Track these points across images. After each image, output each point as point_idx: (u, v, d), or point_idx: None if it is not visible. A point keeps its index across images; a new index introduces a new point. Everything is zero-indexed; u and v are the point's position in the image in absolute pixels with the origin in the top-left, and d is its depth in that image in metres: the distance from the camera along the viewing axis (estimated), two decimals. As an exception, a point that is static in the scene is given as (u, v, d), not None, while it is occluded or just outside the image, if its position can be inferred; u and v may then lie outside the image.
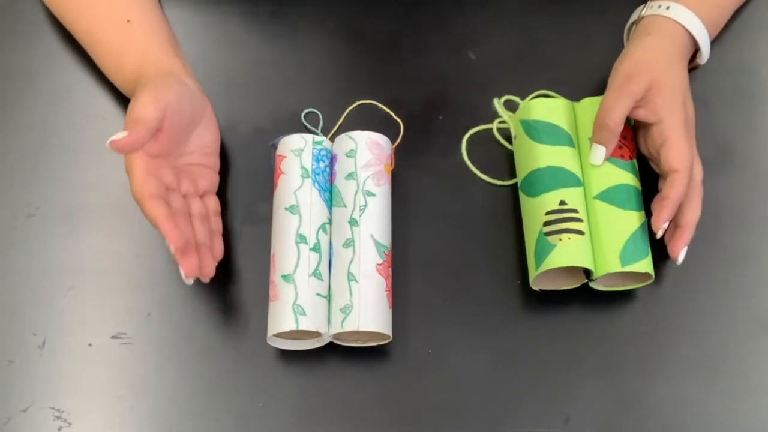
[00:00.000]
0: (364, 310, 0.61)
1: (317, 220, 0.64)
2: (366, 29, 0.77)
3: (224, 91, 0.73)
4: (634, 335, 0.66)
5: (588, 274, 0.64)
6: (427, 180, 0.71)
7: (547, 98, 0.71)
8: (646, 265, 0.63)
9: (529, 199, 0.66)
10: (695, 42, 0.68)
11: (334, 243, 0.65)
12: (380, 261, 0.63)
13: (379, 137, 0.67)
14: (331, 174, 0.67)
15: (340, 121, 0.72)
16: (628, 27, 0.71)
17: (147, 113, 0.59)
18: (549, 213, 0.64)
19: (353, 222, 0.64)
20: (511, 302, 0.67)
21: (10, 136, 0.72)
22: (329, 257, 0.64)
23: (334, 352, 0.64)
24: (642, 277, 0.64)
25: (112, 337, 0.66)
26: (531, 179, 0.66)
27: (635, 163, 0.67)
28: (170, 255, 0.58)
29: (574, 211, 0.64)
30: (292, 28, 0.76)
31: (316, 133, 0.71)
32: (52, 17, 0.74)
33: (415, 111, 0.73)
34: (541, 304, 0.66)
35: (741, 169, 0.71)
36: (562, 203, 0.64)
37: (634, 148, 0.67)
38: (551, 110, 0.68)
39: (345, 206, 0.65)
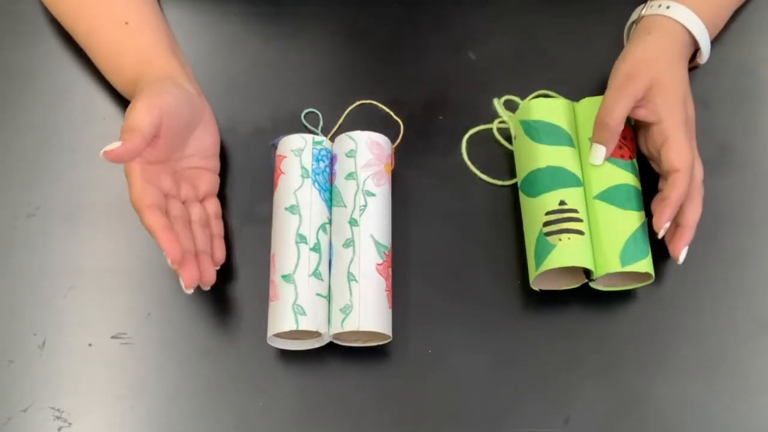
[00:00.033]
0: (364, 310, 0.61)
1: (317, 220, 0.64)
2: (366, 29, 0.77)
3: (224, 91, 0.73)
4: (634, 335, 0.66)
5: (588, 274, 0.64)
6: (427, 180, 0.71)
7: (547, 98, 0.71)
8: (646, 265, 0.63)
9: (529, 199, 0.66)
10: (695, 41, 0.68)
11: (334, 243, 0.65)
12: (380, 261, 0.63)
13: (379, 137, 0.67)
14: (331, 174, 0.67)
15: (340, 121, 0.72)
16: (628, 26, 0.71)
17: (142, 122, 0.58)
18: (549, 213, 0.64)
19: (353, 222, 0.64)
20: (511, 302, 0.67)
21: (10, 136, 0.72)
22: (329, 257, 0.64)
23: (334, 352, 0.64)
24: (642, 277, 0.64)
25: (112, 337, 0.66)
26: (531, 179, 0.66)
27: (635, 163, 0.67)
28: (170, 256, 0.58)
29: (574, 211, 0.64)
30: (292, 28, 0.76)
31: (316, 133, 0.71)
32: (52, 17, 0.74)
33: (415, 111, 0.73)
34: (541, 304, 0.66)
35: (741, 169, 0.71)
36: (562, 203, 0.64)
37: (634, 147, 0.67)
38: (551, 110, 0.68)
39: (345, 206, 0.65)
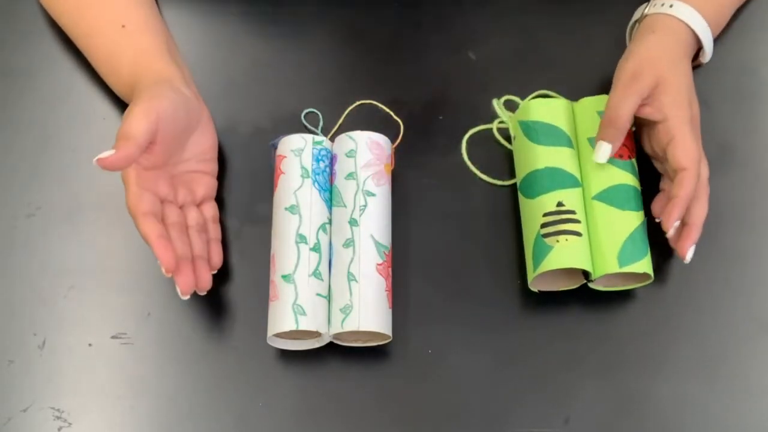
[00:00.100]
0: (364, 310, 0.61)
1: (317, 220, 0.64)
2: (366, 29, 0.77)
3: (224, 91, 0.73)
4: (634, 335, 0.66)
5: (586, 275, 0.64)
6: (427, 180, 0.71)
7: (546, 98, 0.71)
8: (645, 265, 0.63)
9: (527, 200, 0.66)
10: (698, 40, 0.68)
11: (334, 243, 0.65)
12: (380, 261, 0.63)
13: (379, 137, 0.67)
14: (331, 174, 0.67)
15: (340, 121, 0.72)
16: (631, 25, 0.71)
17: (138, 129, 0.58)
18: (546, 215, 0.64)
19: (353, 222, 0.64)
20: (511, 302, 0.67)
21: (10, 136, 0.72)
22: (329, 257, 0.64)
23: (334, 352, 0.64)
24: (641, 277, 0.64)
25: (112, 337, 0.66)
26: (529, 181, 0.66)
27: (634, 163, 0.67)
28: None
29: (572, 212, 0.64)
30: (291, 28, 0.76)
31: (316, 133, 0.71)
32: (52, 18, 0.74)
33: (415, 111, 0.73)
34: (540, 304, 0.66)
35: (742, 169, 0.71)
36: (559, 204, 0.64)
37: (633, 147, 0.67)
38: (550, 111, 0.67)
39: (345, 206, 0.65)
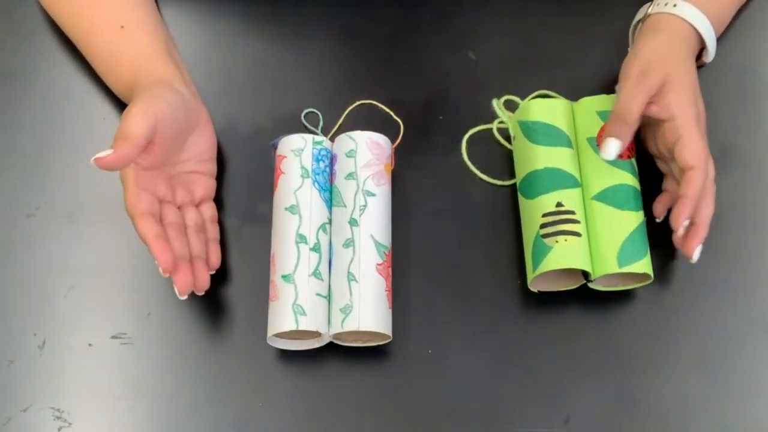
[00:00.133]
0: (364, 310, 0.61)
1: (317, 220, 0.64)
2: (366, 29, 0.76)
3: (224, 91, 0.73)
4: (634, 335, 0.66)
5: (586, 275, 0.64)
6: (427, 180, 0.71)
7: (546, 98, 0.71)
8: (645, 265, 0.63)
9: (527, 201, 0.66)
10: (701, 40, 0.68)
11: (334, 243, 0.65)
12: (380, 261, 0.63)
13: (379, 137, 0.67)
14: (331, 174, 0.67)
15: (340, 121, 0.72)
16: (634, 25, 0.71)
17: (136, 130, 0.58)
18: (546, 215, 0.64)
19: (353, 222, 0.64)
20: (511, 302, 0.67)
21: (11, 136, 0.72)
22: (329, 257, 0.64)
23: (334, 352, 0.64)
24: (641, 277, 0.64)
25: (112, 337, 0.66)
26: (528, 181, 0.66)
27: (634, 163, 0.66)
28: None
29: (571, 212, 0.64)
30: (292, 28, 0.76)
31: (316, 133, 0.71)
32: (52, 18, 0.74)
33: (415, 111, 0.73)
34: (540, 304, 0.66)
35: (742, 169, 0.71)
36: (559, 205, 0.64)
37: (633, 147, 0.67)
38: (549, 111, 0.67)
39: (345, 206, 0.65)
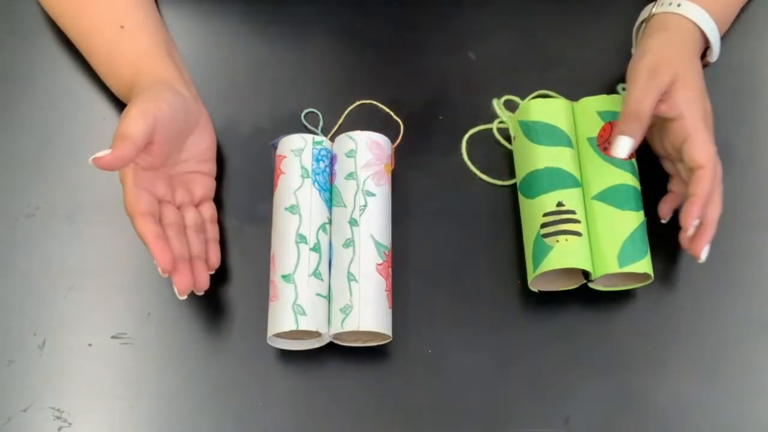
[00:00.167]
0: (364, 310, 0.61)
1: (317, 220, 0.64)
2: (366, 29, 0.76)
3: (224, 91, 0.73)
4: (634, 335, 0.66)
5: (586, 275, 0.64)
6: (427, 180, 0.71)
7: (546, 98, 0.70)
8: (645, 265, 0.63)
9: (527, 200, 0.66)
10: (705, 39, 0.68)
11: (334, 243, 0.65)
12: (380, 261, 0.63)
13: (379, 137, 0.67)
14: (331, 174, 0.67)
15: (340, 121, 0.72)
16: (638, 25, 0.71)
17: (135, 129, 0.58)
18: (546, 215, 0.64)
19: (353, 222, 0.64)
20: (511, 302, 0.67)
21: (11, 136, 0.72)
22: (329, 257, 0.64)
23: (334, 352, 0.64)
24: (641, 277, 0.64)
25: (112, 337, 0.66)
26: (529, 181, 0.66)
27: (634, 163, 0.66)
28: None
29: (572, 212, 0.64)
30: (292, 28, 0.76)
31: (316, 133, 0.71)
32: (52, 18, 0.74)
33: (415, 111, 0.73)
34: (540, 304, 0.66)
35: (743, 169, 0.71)
36: (559, 204, 0.64)
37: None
38: (549, 111, 0.67)
39: (345, 206, 0.65)
